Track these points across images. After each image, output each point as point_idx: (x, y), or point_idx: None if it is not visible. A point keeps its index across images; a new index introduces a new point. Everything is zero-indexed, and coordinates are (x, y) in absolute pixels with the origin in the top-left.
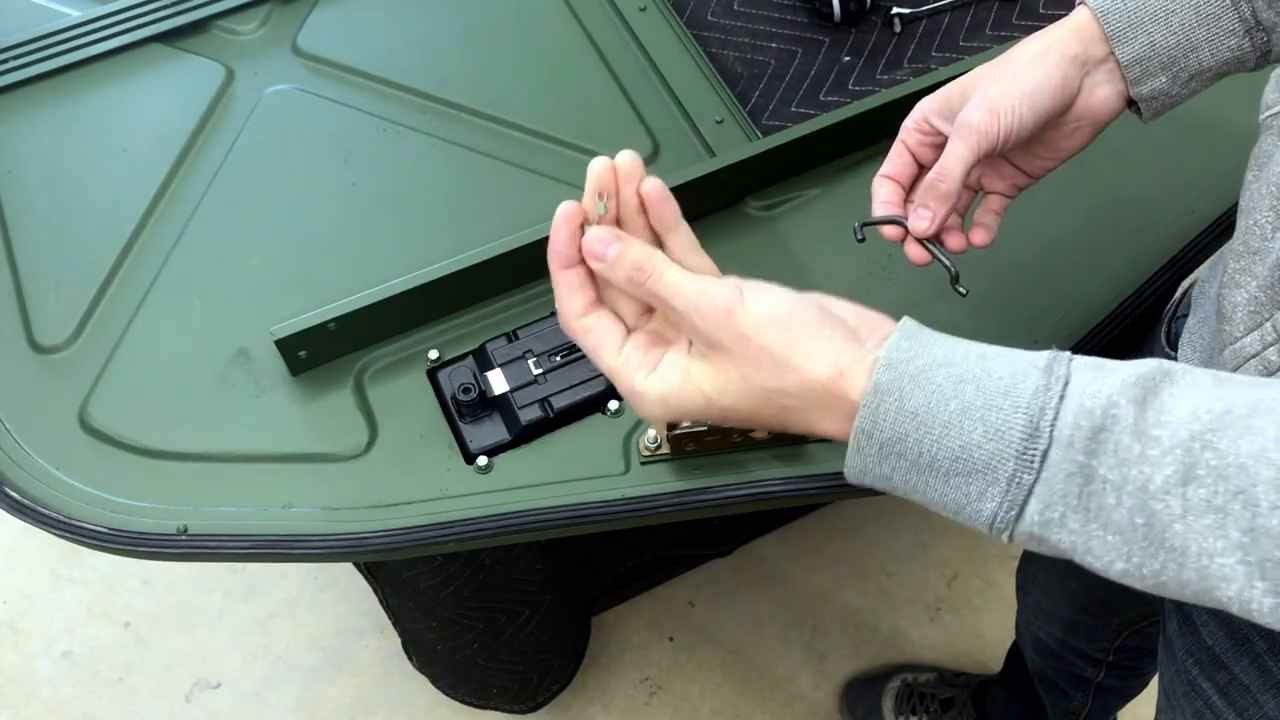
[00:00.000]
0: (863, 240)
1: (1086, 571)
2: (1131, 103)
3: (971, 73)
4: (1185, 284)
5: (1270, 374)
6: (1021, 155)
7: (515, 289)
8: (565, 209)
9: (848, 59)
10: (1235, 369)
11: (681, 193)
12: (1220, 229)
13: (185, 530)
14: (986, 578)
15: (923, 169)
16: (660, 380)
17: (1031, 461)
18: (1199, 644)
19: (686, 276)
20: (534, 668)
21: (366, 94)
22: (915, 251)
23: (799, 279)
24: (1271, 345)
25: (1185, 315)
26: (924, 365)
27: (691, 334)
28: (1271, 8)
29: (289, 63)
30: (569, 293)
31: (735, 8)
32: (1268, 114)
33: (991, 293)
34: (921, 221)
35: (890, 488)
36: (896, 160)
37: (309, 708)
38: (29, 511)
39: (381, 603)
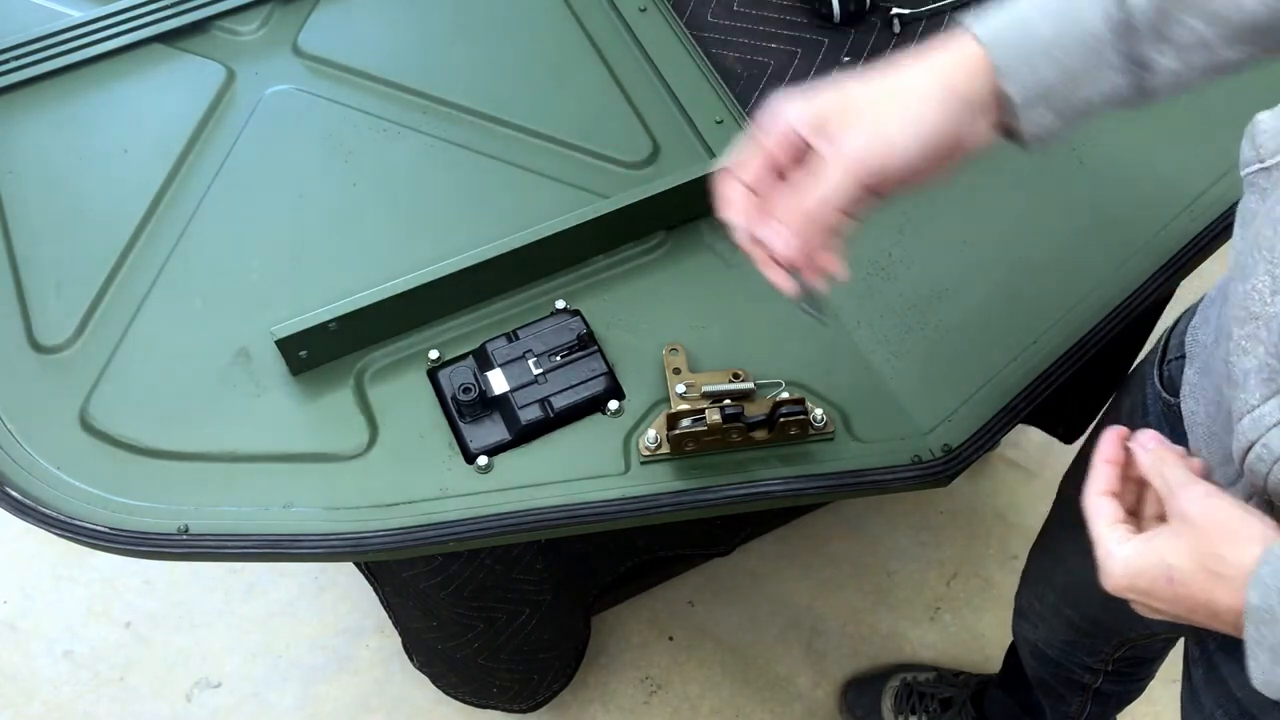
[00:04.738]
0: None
1: (1080, 600)
2: (1008, 133)
3: (851, 92)
4: (1164, 326)
5: None
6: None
7: (515, 289)
8: (1116, 434)
9: (847, 59)
10: (1256, 439)
11: (682, 193)
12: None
13: (186, 530)
14: (986, 577)
15: (776, 172)
16: (1130, 547)
17: None
18: (1228, 696)
19: (1186, 473)
20: (534, 667)
21: (367, 94)
22: (781, 278)
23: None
24: None
25: (1176, 359)
26: None
27: (1171, 506)
28: (1154, 45)
29: (289, 63)
30: (1102, 477)
31: (735, 8)
32: (1247, 171)
33: (978, 307)
34: (778, 245)
35: None
36: (750, 162)
37: (309, 707)
38: (30, 511)
39: (382, 602)
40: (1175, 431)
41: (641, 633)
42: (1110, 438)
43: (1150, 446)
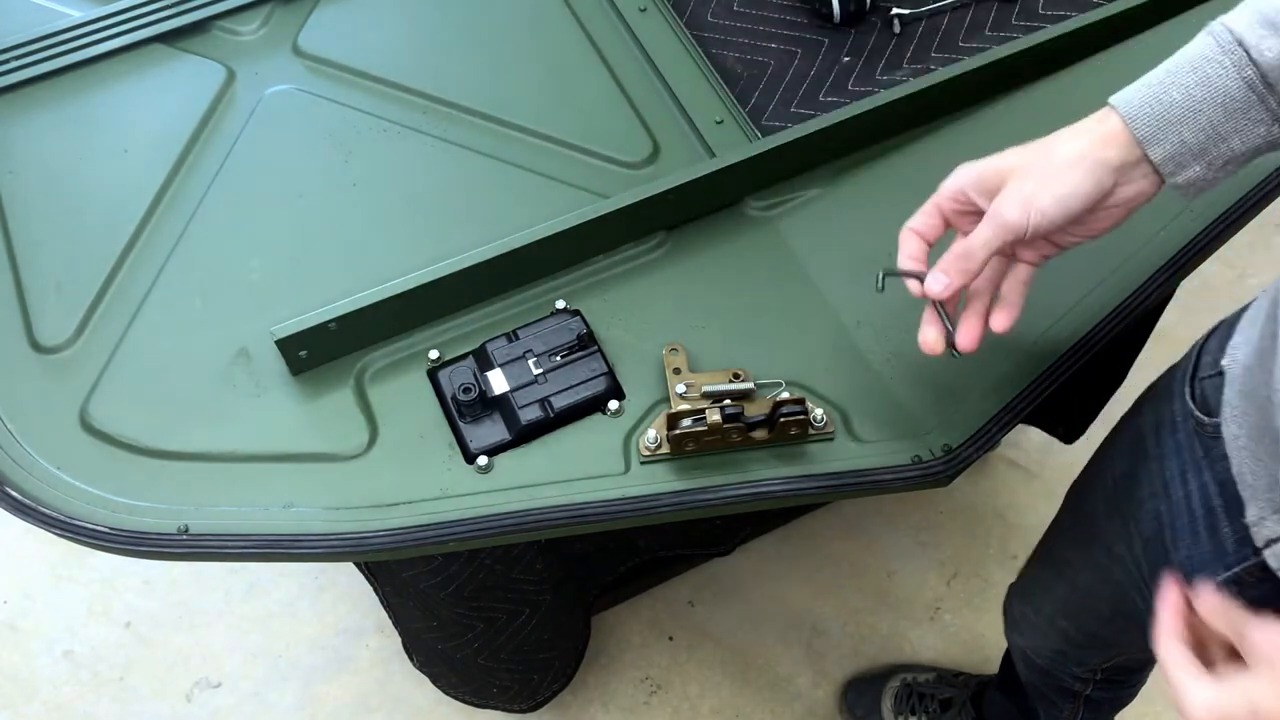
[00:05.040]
0: (882, 290)
1: (1081, 614)
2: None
3: (1010, 155)
4: (1179, 336)
5: None
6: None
7: (515, 289)
8: (1175, 585)
9: (847, 59)
10: None
11: (682, 193)
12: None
13: (186, 530)
14: (986, 577)
15: (949, 226)
16: (1210, 691)
17: None
18: None
19: (1248, 614)
20: (534, 667)
21: (367, 94)
22: (928, 340)
23: (798, 279)
24: None
25: (1210, 377)
26: None
27: (1245, 648)
28: None
29: (289, 63)
30: (1170, 623)
31: (735, 8)
32: None
33: None
34: (936, 285)
35: None
36: (927, 219)
37: (309, 707)
38: (30, 511)
39: (382, 602)
40: (1210, 452)
41: (641, 633)
42: (1172, 589)
43: (1211, 600)
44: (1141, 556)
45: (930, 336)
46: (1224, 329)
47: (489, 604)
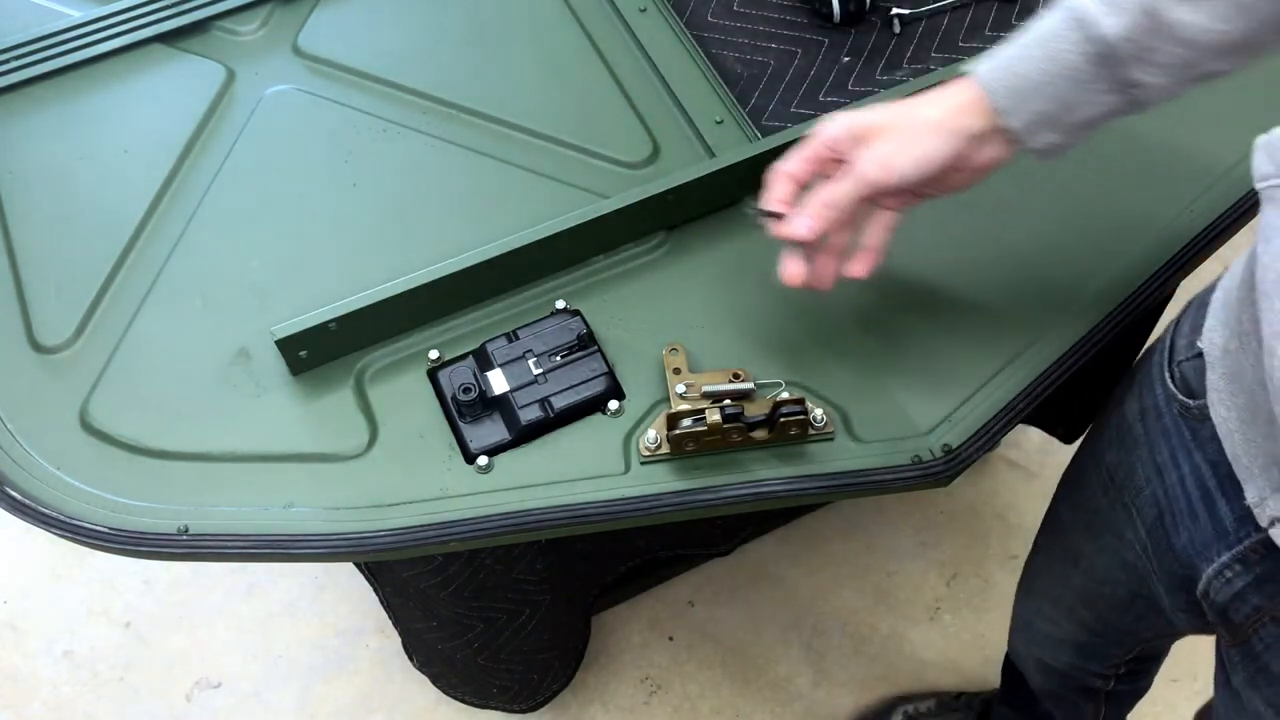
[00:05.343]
0: (759, 226)
1: (1098, 600)
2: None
3: (879, 113)
4: (1165, 326)
5: None
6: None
7: (515, 289)
8: None
9: (847, 59)
10: None
11: (682, 193)
12: (1202, 244)
13: (186, 530)
14: (986, 578)
15: (819, 171)
16: None
17: None
18: None
19: None
20: (534, 667)
21: (367, 94)
22: (793, 273)
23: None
24: None
25: (1189, 359)
26: None
27: None
28: (1138, 68)
29: (290, 63)
30: None
31: (735, 8)
32: (1265, 185)
33: (972, 302)
34: (802, 228)
35: None
36: (802, 163)
37: (309, 707)
38: (29, 511)
39: (382, 602)
40: (1197, 434)
41: (641, 633)
42: None
43: None
44: (1147, 541)
45: (792, 269)
46: (1194, 310)
47: (489, 604)
